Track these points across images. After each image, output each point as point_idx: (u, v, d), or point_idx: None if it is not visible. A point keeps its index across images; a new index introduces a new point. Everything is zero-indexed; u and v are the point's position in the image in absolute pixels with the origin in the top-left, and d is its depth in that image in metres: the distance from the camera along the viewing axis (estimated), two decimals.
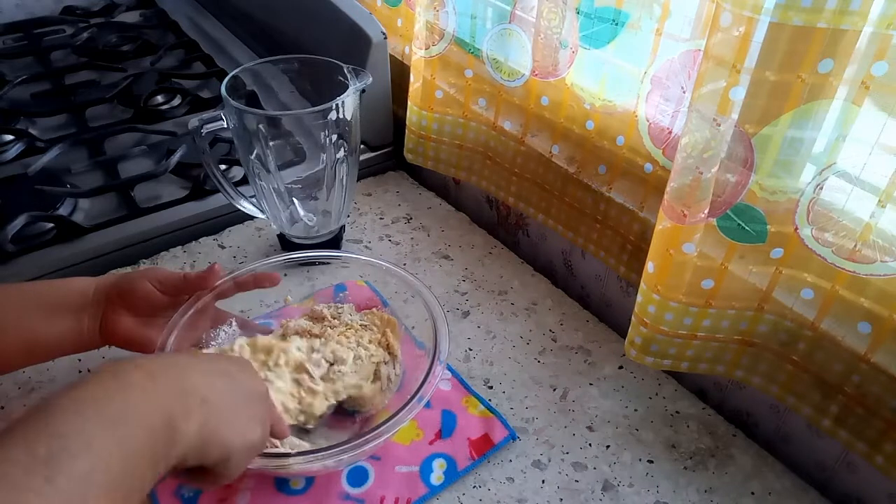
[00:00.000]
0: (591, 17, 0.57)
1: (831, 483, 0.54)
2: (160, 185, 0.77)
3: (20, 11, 1.17)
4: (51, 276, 0.67)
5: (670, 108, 0.54)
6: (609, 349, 0.64)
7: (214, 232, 0.76)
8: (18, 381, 0.58)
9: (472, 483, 0.52)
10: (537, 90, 0.65)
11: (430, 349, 0.53)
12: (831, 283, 0.47)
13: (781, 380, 0.52)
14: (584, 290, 0.72)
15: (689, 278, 0.51)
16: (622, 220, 0.62)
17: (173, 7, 1.19)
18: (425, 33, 0.70)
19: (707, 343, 0.55)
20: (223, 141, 0.83)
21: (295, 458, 0.46)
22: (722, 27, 0.42)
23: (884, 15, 0.39)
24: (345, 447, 0.46)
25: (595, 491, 0.52)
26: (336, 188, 0.67)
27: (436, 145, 0.77)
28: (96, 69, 1.00)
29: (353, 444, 0.46)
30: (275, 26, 1.00)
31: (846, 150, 0.43)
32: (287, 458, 0.46)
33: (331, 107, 0.61)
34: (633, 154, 0.59)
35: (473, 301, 0.69)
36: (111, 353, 0.61)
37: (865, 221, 0.43)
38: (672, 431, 0.57)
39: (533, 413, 0.58)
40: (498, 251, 0.76)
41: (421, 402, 0.48)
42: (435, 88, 0.73)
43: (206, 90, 0.96)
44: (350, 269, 0.62)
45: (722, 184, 0.48)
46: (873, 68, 0.40)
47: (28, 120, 0.88)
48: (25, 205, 0.70)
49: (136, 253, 0.71)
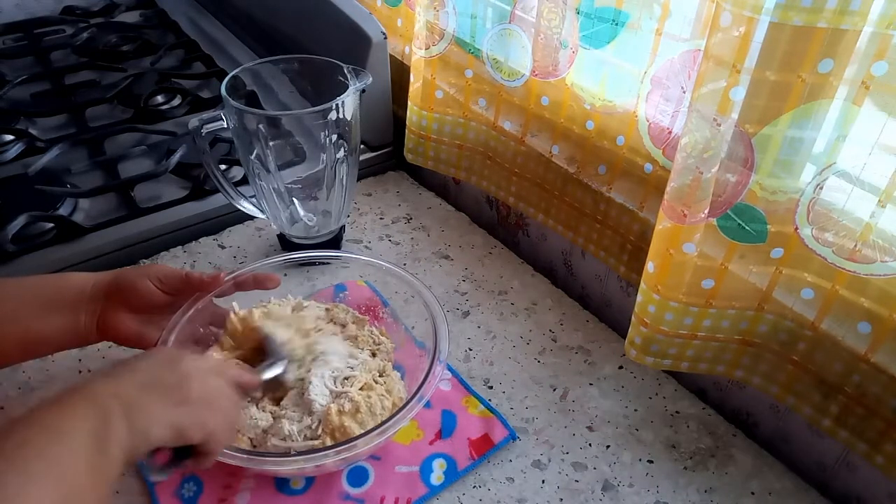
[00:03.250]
0: (591, 17, 0.57)
1: (831, 483, 0.54)
2: (160, 185, 0.77)
3: (20, 11, 1.17)
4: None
5: (670, 108, 0.54)
6: (609, 349, 0.64)
7: (214, 232, 0.76)
8: (18, 381, 0.58)
9: (472, 483, 0.52)
10: (537, 90, 0.65)
11: (430, 349, 0.53)
12: (831, 282, 0.47)
13: (781, 380, 0.52)
14: (584, 290, 0.72)
15: (689, 278, 0.51)
16: (622, 220, 0.62)
17: (173, 7, 1.19)
18: (425, 33, 0.70)
19: (707, 343, 0.55)
20: (223, 141, 0.83)
21: (295, 458, 0.46)
22: (722, 27, 0.42)
23: (884, 15, 0.39)
24: (345, 447, 0.46)
25: (595, 491, 0.52)
26: (336, 188, 0.67)
27: (436, 145, 0.77)
28: (96, 69, 0.99)
29: (353, 444, 0.46)
30: (275, 26, 1.00)
31: (846, 150, 0.43)
32: (287, 458, 0.46)
33: (331, 107, 0.61)
34: (633, 154, 0.59)
35: (473, 301, 0.69)
36: (111, 352, 0.61)
37: (865, 221, 0.43)
38: (672, 431, 0.57)
39: (533, 413, 0.58)
40: (498, 251, 0.76)
41: (421, 402, 0.48)
42: (435, 88, 0.73)
43: (206, 90, 0.96)
44: (350, 270, 0.62)
45: (722, 184, 0.48)
46: (873, 68, 0.40)
47: (28, 120, 0.88)
48: (25, 205, 0.70)
49: (136, 253, 0.71)
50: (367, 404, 0.51)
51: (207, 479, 0.51)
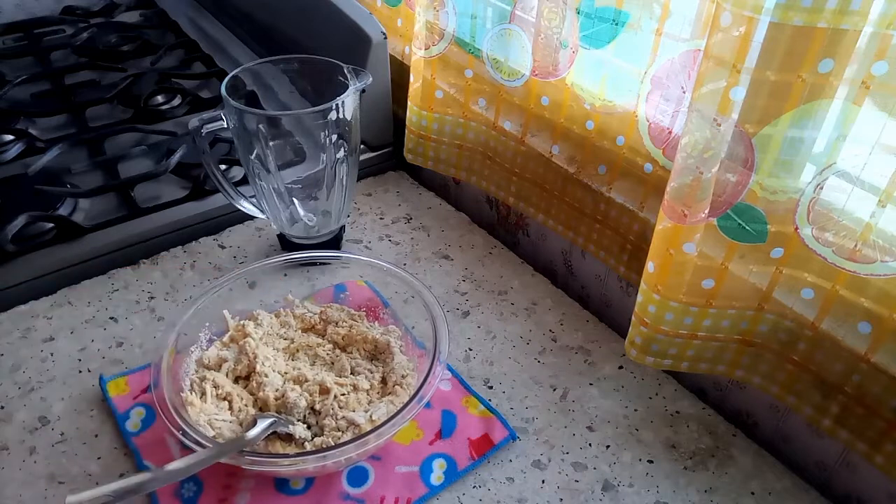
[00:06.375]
0: (592, 17, 0.57)
1: (831, 483, 0.54)
2: (160, 185, 0.77)
3: (20, 11, 1.17)
4: (51, 276, 0.67)
5: (670, 108, 0.54)
6: (609, 349, 0.64)
7: (214, 232, 0.76)
8: (18, 381, 0.58)
9: (472, 483, 0.52)
10: (537, 90, 0.65)
11: (430, 349, 0.53)
12: (831, 282, 0.47)
13: (781, 380, 0.52)
14: (584, 290, 0.72)
15: (689, 278, 0.51)
16: (622, 220, 0.62)
17: (173, 7, 1.19)
18: (425, 33, 0.70)
19: (707, 343, 0.55)
20: (223, 141, 0.83)
21: (294, 458, 0.46)
22: (722, 27, 0.42)
23: (884, 15, 0.39)
24: (345, 447, 0.46)
25: (595, 491, 0.52)
26: (336, 188, 0.67)
27: (436, 145, 0.77)
28: (96, 69, 0.99)
29: (353, 444, 0.46)
30: (275, 26, 1.00)
31: (846, 150, 0.43)
32: (287, 459, 0.46)
33: (331, 107, 0.61)
34: (633, 154, 0.59)
35: (473, 301, 0.69)
36: (111, 352, 0.61)
37: (866, 221, 0.43)
38: (672, 431, 0.57)
39: (533, 413, 0.58)
40: (498, 251, 0.76)
41: (421, 403, 0.48)
42: (435, 88, 0.73)
43: (206, 90, 0.96)
44: (350, 270, 0.62)
45: (722, 183, 0.48)
46: (873, 68, 0.40)
47: (28, 120, 0.87)
48: (25, 205, 0.70)
49: (136, 253, 0.71)
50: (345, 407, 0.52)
51: (207, 479, 0.51)
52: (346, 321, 0.60)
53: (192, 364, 0.55)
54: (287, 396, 0.52)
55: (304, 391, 0.53)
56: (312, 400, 0.52)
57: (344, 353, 0.57)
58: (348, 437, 0.50)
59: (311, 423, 0.52)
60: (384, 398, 0.54)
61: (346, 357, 0.57)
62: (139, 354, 0.61)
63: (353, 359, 0.57)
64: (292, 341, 0.58)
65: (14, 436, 0.54)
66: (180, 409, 0.48)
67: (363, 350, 0.58)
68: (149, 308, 0.66)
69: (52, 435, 0.54)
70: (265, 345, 0.57)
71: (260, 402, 0.53)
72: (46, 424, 0.55)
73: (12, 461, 0.52)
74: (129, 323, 0.64)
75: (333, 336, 0.59)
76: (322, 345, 0.58)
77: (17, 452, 0.53)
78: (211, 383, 0.53)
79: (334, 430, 0.51)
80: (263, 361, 0.54)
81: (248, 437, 0.47)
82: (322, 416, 0.52)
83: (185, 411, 0.49)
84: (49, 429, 0.55)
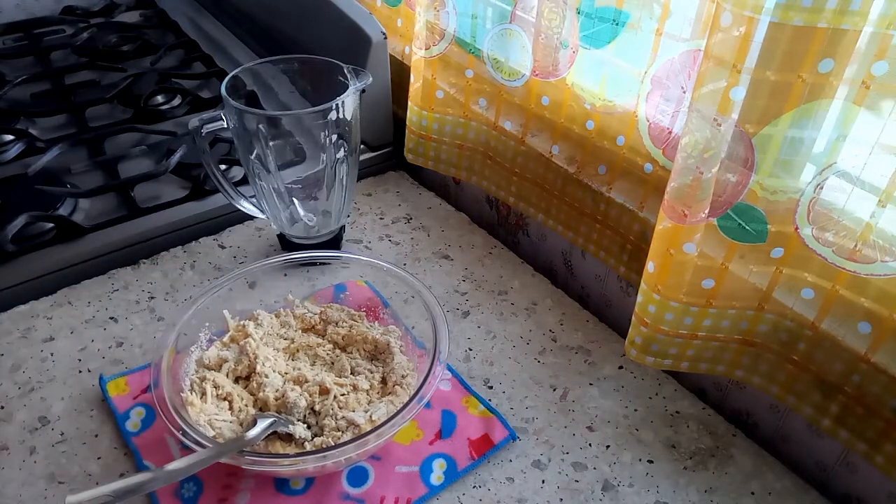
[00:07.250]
0: (592, 17, 0.57)
1: (831, 483, 0.54)
2: (160, 185, 0.77)
3: (20, 11, 1.17)
4: (51, 276, 0.67)
5: (670, 108, 0.54)
6: (609, 349, 0.64)
7: (214, 232, 0.76)
8: (18, 381, 0.58)
9: (472, 483, 0.52)
10: (538, 90, 0.65)
11: (430, 349, 0.53)
12: (832, 282, 0.47)
13: (781, 380, 0.52)
14: (584, 290, 0.72)
15: (689, 278, 0.51)
16: (622, 220, 0.62)
17: (173, 7, 1.19)
18: (425, 33, 0.70)
19: (707, 343, 0.55)
20: (223, 141, 0.83)
21: (294, 458, 0.46)
22: (722, 27, 0.42)
23: (884, 15, 0.39)
24: (345, 447, 0.46)
25: (595, 491, 0.52)
26: (336, 188, 0.67)
27: (436, 145, 0.77)
28: (96, 69, 0.99)
29: (353, 444, 0.46)
30: (275, 26, 1.00)
31: (846, 150, 0.43)
32: (287, 459, 0.46)
33: (331, 107, 0.61)
34: (633, 154, 0.59)
35: (473, 301, 0.69)
36: (111, 352, 0.61)
37: (866, 221, 0.43)
38: (672, 431, 0.57)
39: (533, 413, 0.58)
40: (498, 251, 0.76)
41: (421, 403, 0.48)
42: (435, 88, 0.73)
43: (206, 90, 0.96)
44: (350, 270, 0.62)
45: (722, 183, 0.48)
46: (873, 68, 0.40)
47: (28, 120, 0.87)
48: (25, 205, 0.70)
49: (136, 253, 0.71)
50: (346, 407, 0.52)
51: (207, 479, 0.51)
52: (346, 321, 0.60)
53: (192, 364, 0.55)
54: (287, 396, 0.52)
55: (304, 391, 0.53)
56: (312, 400, 0.52)
57: (344, 354, 0.57)
58: (348, 437, 0.50)
59: (311, 423, 0.52)
60: (384, 398, 0.54)
61: (346, 357, 0.57)
62: (139, 354, 0.61)
63: (353, 359, 0.57)
64: (292, 341, 0.58)
65: (14, 436, 0.54)
66: (180, 409, 0.48)
67: (363, 350, 0.58)
68: (149, 308, 0.66)
69: (52, 435, 0.54)
70: (265, 345, 0.57)
71: (260, 403, 0.53)
72: (46, 424, 0.55)
73: (12, 461, 0.52)
74: (129, 323, 0.64)
75: (333, 336, 0.59)
76: (322, 345, 0.58)
77: (17, 452, 0.53)
78: (211, 383, 0.53)
79: (334, 431, 0.51)
80: (264, 362, 0.54)
81: (248, 437, 0.47)
82: (322, 417, 0.52)
83: (185, 411, 0.49)
84: (49, 429, 0.55)
